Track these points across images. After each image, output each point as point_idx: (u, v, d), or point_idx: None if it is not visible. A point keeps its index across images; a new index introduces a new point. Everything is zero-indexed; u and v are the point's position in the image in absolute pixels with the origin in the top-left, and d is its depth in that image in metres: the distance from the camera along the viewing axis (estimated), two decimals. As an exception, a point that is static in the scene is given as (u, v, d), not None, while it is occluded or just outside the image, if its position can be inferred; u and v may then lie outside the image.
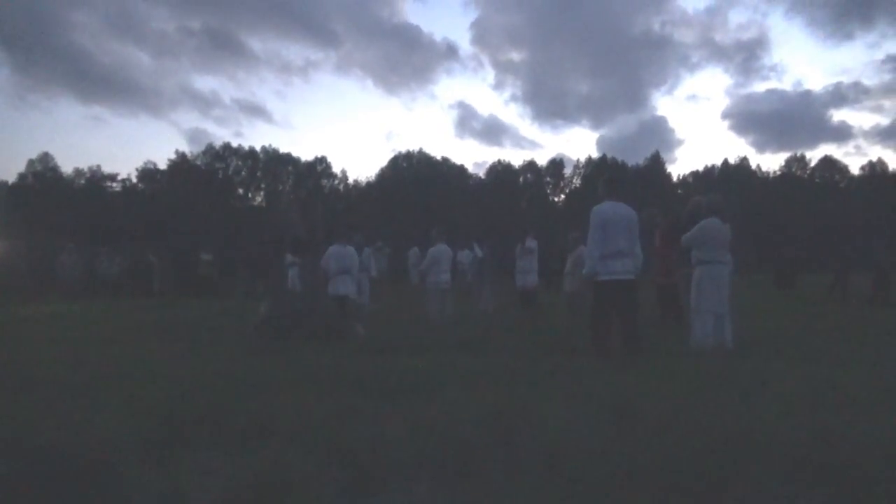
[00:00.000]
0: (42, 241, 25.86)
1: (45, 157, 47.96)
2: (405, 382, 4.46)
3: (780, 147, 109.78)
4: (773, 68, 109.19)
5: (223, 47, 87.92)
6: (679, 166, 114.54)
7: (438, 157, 54.88)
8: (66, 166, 49.86)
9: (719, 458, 2.59)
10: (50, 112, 78.44)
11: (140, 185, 49.78)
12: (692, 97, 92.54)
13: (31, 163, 47.80)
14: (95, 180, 48.59)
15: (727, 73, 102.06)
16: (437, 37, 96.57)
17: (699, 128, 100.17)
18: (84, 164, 52.26)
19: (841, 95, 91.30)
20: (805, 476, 2.50)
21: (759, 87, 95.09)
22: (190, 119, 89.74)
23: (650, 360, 5.32)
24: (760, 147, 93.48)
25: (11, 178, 47.65)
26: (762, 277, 20.33)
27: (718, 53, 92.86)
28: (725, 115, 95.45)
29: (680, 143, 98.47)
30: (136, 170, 49.93)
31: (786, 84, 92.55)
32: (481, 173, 55.61)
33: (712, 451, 2.66)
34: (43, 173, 47.49)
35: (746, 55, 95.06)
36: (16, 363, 5.55)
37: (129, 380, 4.64)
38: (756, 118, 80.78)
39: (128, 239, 31.01)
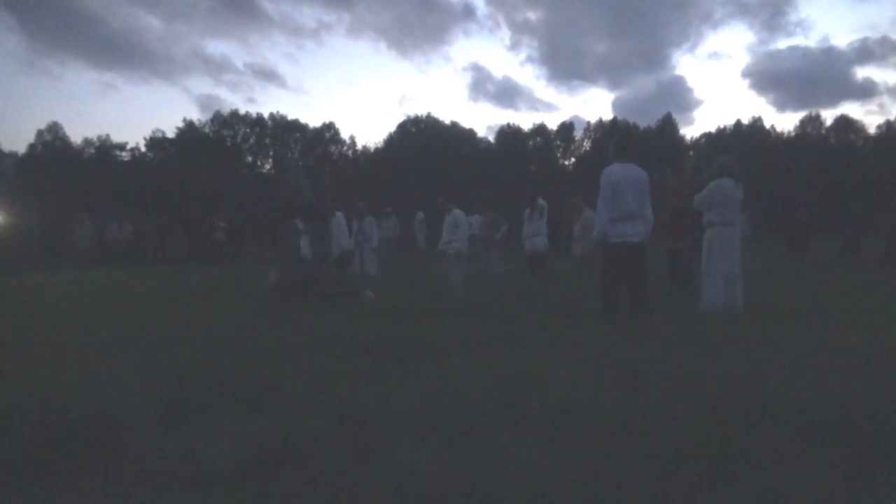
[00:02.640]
0: (54, 211, 26.02)
1: (55, 127, 47.92)
2: (413, 347, 4.49)
3: (800, 106, 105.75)
4: (798, 24, 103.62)
5: (236, 9, 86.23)
6: (697, 127, 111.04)
7: (448, 122, 54.38)
8: (76, 135, 49.84)
9: (729, 420, 2.59)
10: (61, 79, 77.55)
11: (149, 153, 49.73)
12: (713, 55, 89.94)
13: (40, 133, 47.81)
14: (104, 149, 48.54)
15: (751, 29, 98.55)
16: None
17: (719, 87, 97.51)
18: (93, 134, 52.07)
19: (867, 51, 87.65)
20: (815, 437, 2.50)
21: (783, 43, 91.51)
22: (202, 85, 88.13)
23: (659, 324, 5.31)
24: (781, 106, 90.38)
25: (22, 148, 47.74)
26: (774, 240, 20.17)
27: (743, 9, 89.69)
28: (746, 74, 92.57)
29: (699, 103, 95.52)
30: (145, 138, 49.84)
31: (811, 40, 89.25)
32: (492, 137, 55.11)
33: (721, 413, 2.66)
34: (52, 143, 47.47)
35: (772, 11, 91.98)
36: (32, 329, 5.62)
37: (142, 344, 4.70)
38: (778, 76, 77.81)
39: (138, 207, 31.15)
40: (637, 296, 6.00)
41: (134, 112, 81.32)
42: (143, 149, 49.59)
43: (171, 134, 49.78)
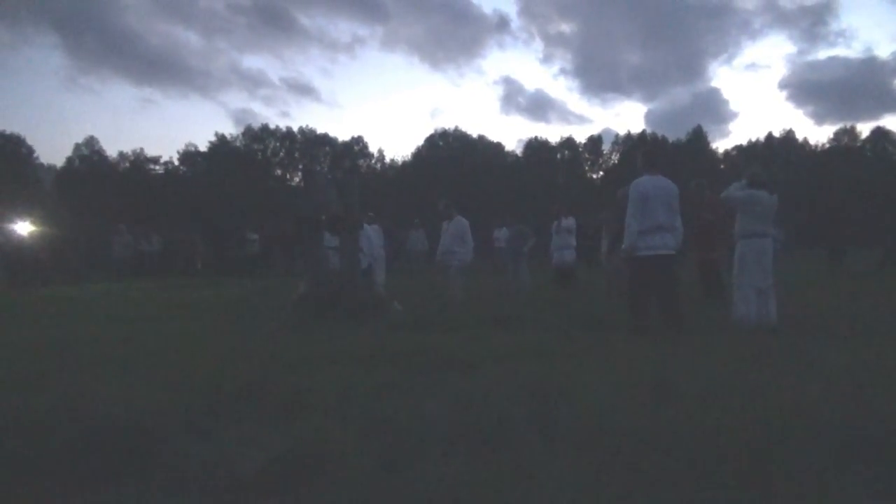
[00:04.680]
0: (90, 223, 26.73)
1: (91, 141, 49.26)
2: (442, 358, 4.48)
3: (839, 118, 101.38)
4: (840, 34, 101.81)
5: (273, 24, 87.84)
6: (732, 140, 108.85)
7: (475, 135, 54.57)
8: (112, 150, 51.07)
9: (762, 435, 2.53)
10: (101, 94, 79.98)
11: (182, 167, 50.77)
12: (751, 66, 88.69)
13: (77, 147, 49.17)
14: (139, 163, 49.70)
15: (790, 39, 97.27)
16: (487, 9, 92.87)
17: (755, 99, 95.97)
18: (128, 148, 53.38)
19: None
20: (852, 455, 2.42)
21: (824, 54, 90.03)
22: (238, 99, 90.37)
23: (690, 337, 5.22)
24: (819, 118, 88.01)
25: (60, 161, 49.15)
26: (810, 252, 19.73)
27: (783, 19, 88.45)
28: (784, 85, 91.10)
29: (734, 115, 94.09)
30: (178, 152, 50.93)
31: (853, 50, 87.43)
32: (520, 151, 55.09)
33: (755, 428, 2.60)
34: (89, 157, 48.77)
35: (813, 20, 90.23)
36: (69, 339, 5.75)
37: (174, 355, 4.77)
38: (817, 87, 75.64)
39: (170, 220, 31.83)
40: (668, 308, 5.92)
41: (170, 126, 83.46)
42: (176, 162, 50.68)
43: (203, 148, 50.82)
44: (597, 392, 3.15)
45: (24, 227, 18.20)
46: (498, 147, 54.81)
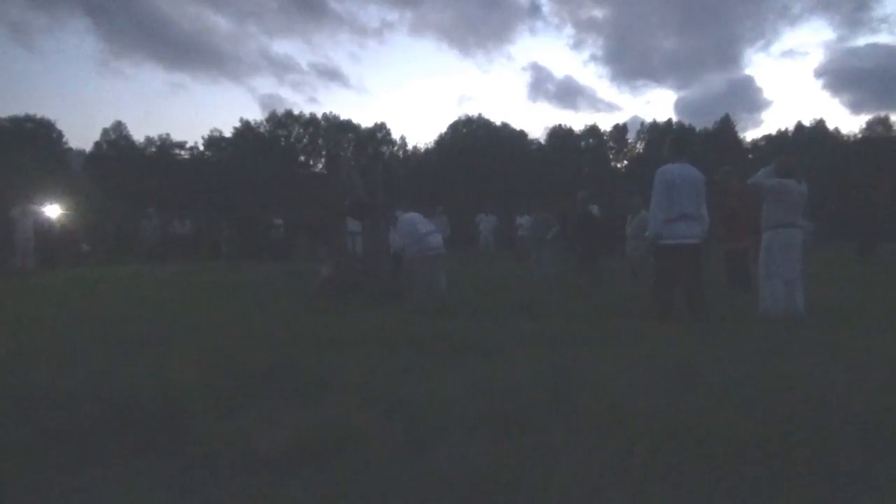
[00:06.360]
0: (119, 207, 27.21)
1: (119, 126, 49.98)
2: (464, 343, 4.49)
3: (877, 107, 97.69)
4: (884, 19, 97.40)
5: (304, 9, 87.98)
6: (764, 129, 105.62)
7: (499, 122, 54.27)
8: (139, 134, 51.77)
9: (786, 426, 2.50)
10: (133, 79, 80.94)
11: (207, 152, 51.29)
12: (787, 53, 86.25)
13: (105, 131, 49.91)
14: (165, 148, 50.32)
15: (830, 25, 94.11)
16: None
17: (790, 87, 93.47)
18: (155, 133, 54.03)
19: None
20: (877, 448, 2.39)
21: (864, 40, 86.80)
22: (266, 84, 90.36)
23: (715, 327, 5.16)
24: (856, 107, 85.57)
25: (88, 146, 49.97)
26: (843, 244, 19.31)
27: (824, 4, 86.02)
28: (820, 73, 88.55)
29: (767, 104, 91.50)
30: (203, 138, 51.45)
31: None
32: (544, 138, 54.65)
33: (779, 418, 2.57)
34: (116, 142, 49.49)
35: (855, 5, 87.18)
36: (98, 319, 5.87)
37: (201, 335, 4.85)
38: (855, 75, 72.84)
39: (196, 204, 32.26)
40: (693, 298, 5.86)
41: (198, 112, 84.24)
42: (201, 148, 51.22)
43: (228, 133, 51.26)
44: (618, 379, 3.13)
45: (53, 211, 18.59)
46: (521, 135, 54.45)
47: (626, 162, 53.73)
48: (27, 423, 2.72)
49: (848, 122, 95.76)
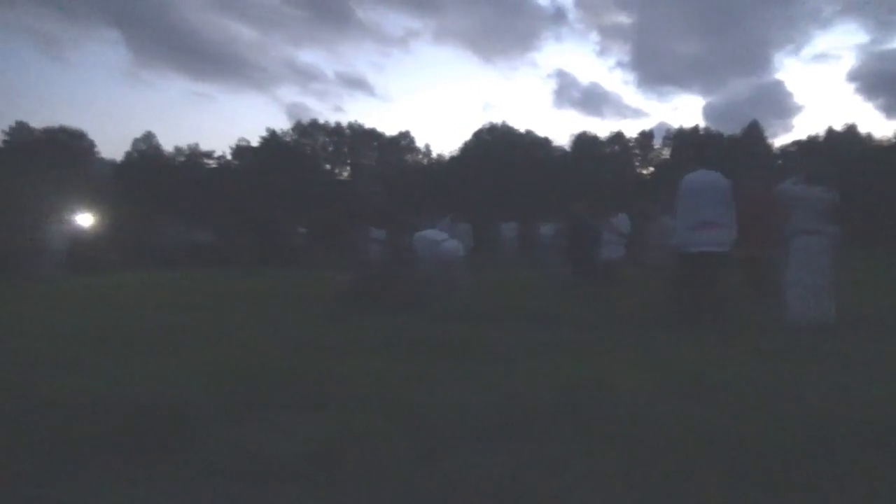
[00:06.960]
0: (146, 215, 27.68)
1: (149, 136, 50.94)
2: (480, 351, 4.46)
3: None
4: None
5: (329, 18, 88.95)
6: (795, 134, 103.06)
7: (523, 130, 54.12)
8: (168, 144, 52.67)
9: (803, 435, 2.42)
10: (161, 90, 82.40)
11: (234, 161, 51.98)
12: (819, 57, 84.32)
13: (136, 142, 50.89)
14: (194, 157, 51.12)
15: (863, 28, 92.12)
16: (543, 0, 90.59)
17: (821, 92, 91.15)
18: (184, 142, 54.97)
19: None
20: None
21: None
22: (291, 94, 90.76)
23: (736, 335, 5.05)
24: (891, 112, 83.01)
25: (119, 156, 50.98)
26: (873, 252, 18.84)
27: (855, 6, 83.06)
28: (853, 77, 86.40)
29: (798, 109, 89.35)
30: (230, 147, 52.16)
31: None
32: (569, 145, 54.30)
33: (796, 426, 2.49)
34: (146, 152, 50.42)
35: (889, 7, 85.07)
36: (114, 325, 5.94)
37: (214, 342, 4.88)
38: (890, 79, 70.72)
39: (222, 213, 32.67)
40: (714, 306, 5.75)
41: (225, 121, 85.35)
42: (228, 157, 51.93)
43: (255, 142, 51.93)
44: (634, 387, 3.07)
45: (85, 219, 19.00)
46: (545, 142, 54.22)
47: (651, 168, 53.17)
48: (33, 428, 2.74)
49: (882, 126, 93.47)
